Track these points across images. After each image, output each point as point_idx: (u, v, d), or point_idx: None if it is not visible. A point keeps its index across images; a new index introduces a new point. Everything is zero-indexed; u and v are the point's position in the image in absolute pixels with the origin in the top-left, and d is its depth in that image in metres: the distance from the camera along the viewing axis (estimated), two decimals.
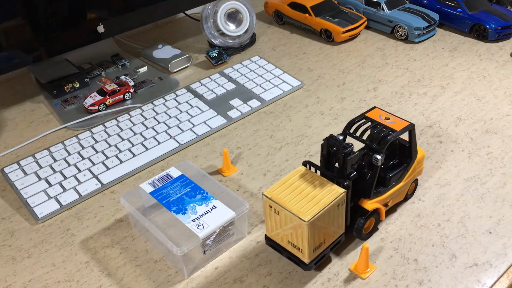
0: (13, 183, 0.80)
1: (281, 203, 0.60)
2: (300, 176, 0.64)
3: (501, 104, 0.93)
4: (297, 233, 0.60)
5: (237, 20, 1.12)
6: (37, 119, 0.96)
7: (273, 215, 0.62)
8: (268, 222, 0.64)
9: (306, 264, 0.62)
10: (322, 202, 0.60)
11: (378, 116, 0.68)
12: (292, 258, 0.64)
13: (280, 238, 0.64)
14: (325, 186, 0.62)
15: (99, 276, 0.66)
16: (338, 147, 0.62)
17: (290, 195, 0.61)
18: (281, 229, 0.62)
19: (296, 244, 0.62)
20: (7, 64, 0.89)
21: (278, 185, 0.62)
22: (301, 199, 0.60)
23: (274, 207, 0.61)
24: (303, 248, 0.61)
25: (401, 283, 0.63)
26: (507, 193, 0.75)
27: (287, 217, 0.60)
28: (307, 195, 0.61)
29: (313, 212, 0.58)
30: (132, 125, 0.91)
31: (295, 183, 0.63)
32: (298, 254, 0.62)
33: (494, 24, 1.10)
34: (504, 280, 0.63)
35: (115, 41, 1.15)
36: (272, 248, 0.67)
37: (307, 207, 0.59)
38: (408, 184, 0.71)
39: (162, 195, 0.68)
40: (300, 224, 0.59)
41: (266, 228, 0.65)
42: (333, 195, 0.60)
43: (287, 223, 0.61)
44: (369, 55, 1.10)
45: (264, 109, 0.95)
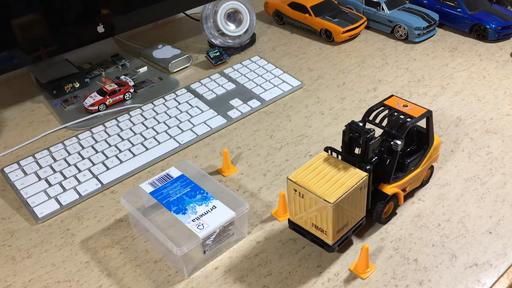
0: (13, 183, 0.80)
1: (306, 186, 0.62)
2: (323, 161, 0.66)
3: (501, 104, 0.93)
4: (322, 215, 0.62)
5: (237, 20, 1.12)
6: (37, 119, 0.96)
7: (298, 198, 0.64)
8: (292, 206, 0.66)
9: (330, 246, 0.65)
10: (345, 185, 0.62)
11: (396, 103, 0.71)
12: (315, 241, 0.66)
13: (303, 221, 0.66)
14: (348, 170, 0.64)
15: (99, 276, 0.66)
16: (361, 133, 0.64)
17: (314, 179, 0.63)
18: (305, 212, 0.64)
19: (320, 226, 0.64)
20: (7, 64, 0.89)
21: (302, 170, 0.64)
22: (325, 183, 0.62)
23: (298, 191, 0.63)
24: (327, 230, 0.63)
25: (401, 283, 0.63)
26: (507, 193, 0.75)
27: (312, 199, 0.62)
28: (331, 179, 0.63)
29: (338, 194, 0.61)
30: (132, 125, 0.91)
31: (319, 167, 0.65)
32: (322, 236, 0.64)
33: (494, 24, 1.10)
34: (504, 280, 0.63)
35: (115, 41, 1.15)
36: (295, 232, 0.69)
37: (332, 189, 0.61)
38: (425, 170, 0.73)
39: (162, 195, 0.68)
40: (325, 206, 0.61)
41: (289, 212, 0.67)
42: (356, 178, 0.63)
43: (311, 205, 0.63)
44: (369, 55, 1.10)
45: (264, 109, 0.95)
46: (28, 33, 0.89)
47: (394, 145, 0.66)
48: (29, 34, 0.89)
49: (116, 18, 0.99)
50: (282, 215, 0.72)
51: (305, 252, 0.67)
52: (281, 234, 0.70)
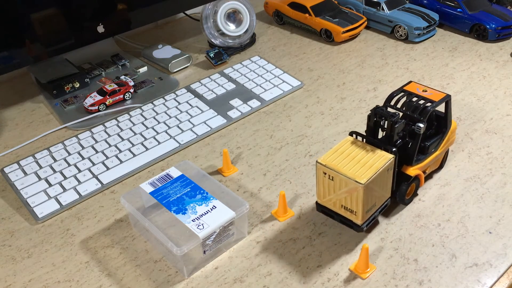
0: (13, 183, 0.80)
1: (336, 168, 0.65)
2: (349, 144, 0.68)
3: (501, 104, 0.93)
4: (352, 196, 0.65)
5: (237, 20, 1.12)
6: (37, 119, 0.96)
7: (327, 181, 0.67)
8: (321, 189, 0.68)
9: (359, 226, 0.67)
10: (374, 166, 0.65)
11: (415, 89, 0.73)
12: (344, 222, 0.69)
13: (332, 203, 0.68)
14: (375, 153, 0.67)
15: (99, 276, 0.66)
16: (386, 117, 0.67)
17: (343, 162, 0.66)
18: (334, 194, 0.67)
19: (350, 207, 0.66)
20: (7, 64, 0.89)
21: (330, 154, 0.67)
22: (354, 165, 0.65)
23: (328, 173, 0.66)
24: (357, 210, 0.65)
25: (401, 283, 0.63)
26: (507, 193, 0.75)
27: (342, 181, 0.65)
28: (359, 161, 0.66)
29: (368, 176, 0.63)
30: (132, 125, 0.91)
31: (346, 151, 0.67)
32: (351, 216, 0.67)
33: (494, 24, 1.10)
34: (504, 280, 0.63)
35: (115, 41, 1.15)
36: (323, 214, 0.71)
37: (361, 171, 0.64)
38: (443, 153, 0.76)
39: (162, 195, 0.68)
40: (356, 187, 0.63)
41: (317, 195, 0.69)
42: (383, 160, 0.65)
43: (341, 187, 0.65)
44: (369, 55, 1.10)
45: (264, 109, 0.95)
46: (28, 33, 0.89)
47: (417, 128, 0.68)
48: (29, 34, 0.89)
49: (116, 18, 0.99)
50: (282, 215, 0.72)
51: (305, 252, 0.67)
52: (281, 234, 0.70)
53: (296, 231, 0.71)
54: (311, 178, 0.79)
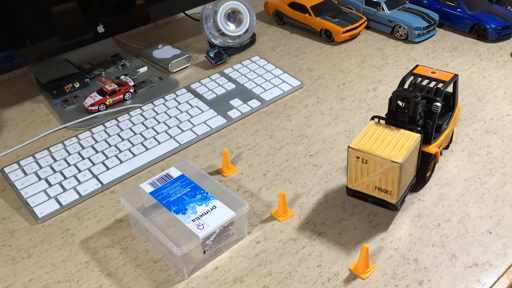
0: (13, 183, 0.80)
1: (370, 151, 0.67)
2: (375, 128, 0.71)
3: (501, 104, 0.93)
4: (388, 176, 0.67)
5: (237, 20, 1.12)
6: (37, 119, 0.96)
7: (359, 165, 0.68)
8: (353, 174, 0.70)
9: (394, 205, 0.69)
10: (405, 146, 0.67)
11: (424, 71, 0.77)
12: (378, 203, 0.71)
13: (365, 186, 0.70)
14: (402, 133, 0.69)
15: (99, 276, 0.66)
16: (410, 98, 0.70)
17: (374, 144, 0.68)
18: (368, 177, 0.69)
19: (385, 187, 0.68)
20: (7, 64, 0.89)
21: (360, 138, 0.69)
22: (385, 146, 0.67)
23: (361, 157, 0.67)
24: (393, 190, 0.68)
25: (401, 283, 0.63)
26: (507, 193, 0.75)
27: (377, 163, 0.67)
28: (389, 143, 0.68)
29: (402, 155, 0.66)
30: (132, 125, 0.91)
31: (374, 134, 0.70)
32: (386, 197, 0.69)
33: (494, 24, 1.10)
34: (504, 280, 0.63)
35: (115, 41, 1.15)
36: (355, 197, 0.73)
37: (395, 151, 0.66)
38: (452, 130, 0.80)
39: (162, 195, 0.68)
40: (393, 167, 0.65)
41: (349, 180, 0.71)
42: (412, 139, 0.68)
43: (376, 169, 0.67)
44: (369, 55, 1.10)
45: (264, 109, 0.95)
46: (28, 33, 0.89)
47: (435, 108, 0.72)
48: (29, 34, 0.89)
49: (116, 18, 0.99)
50: (282, 215, 0.72)
51: (305, 252, 0.67)
52: (281, 234, 0.70)
53: (296, 231, 0.71)
54: (311, 178, 0.79)
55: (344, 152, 0.84)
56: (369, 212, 0.73)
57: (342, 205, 0.74)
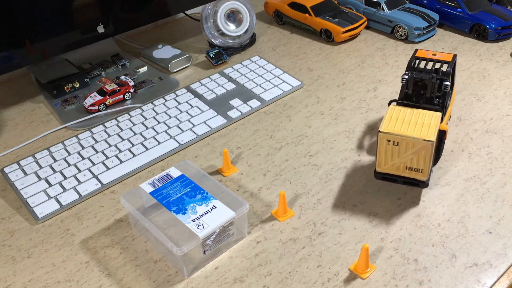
0: (13, 183, 0.80)
1: (401, 133, 0.70)
2: (397, 112, 0.74)
3: (501, 104, 0.93)
4: (419, 155, 0.70)
5: (237, 20, 1.12)
6: (37, 119, 0.96)
7: (390, 148, 0.71)
8: (382, 157, 0.73)
9: (424, 182, 0.73)
10: (432, 124, 0.70)
11: (426, 54, 0.81)
12: (408, 182, 0.74)
13: (395, 168, 0.73)
14: (424, 113, 0.73)
15: (99, 276, 0.66)
16: (426, 79, 0.75)
17: (403, 126, 0.71)
18: (399, 159, 0.72)
19: (416, 166, 0.71)
20: (7, 64, 0.89)
21: (387, 123, 0.72)
22: (414, 127, 0.70)
23: (392, 140, 0.70)
24: (424, 168, 0.71)
25: (401, 283, 0.63)
26: (507, 193, 0.75)
27: (409, 144, 0.69)
28: (416, 123, 0.71)
29: (432, 133, 0.69)
30: (132, 125, 0.91)
31: (399, 117, 0.72)
32: (417, 175, 0.72)
33: (494, 24, 1.10)
34: (504, 280, 0.63)
35: (115, 41, 1.15)
36: (385, 180, 0.75)
37: (424, 131, 0.69)
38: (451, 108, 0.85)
39: (162, 195, 0.68)
40: (425, 145, 0.69)
41: (377, 164, 0.73)
42: (436, 118, 0.72)
43: (407, 150, 0.70)
44: (369, 55, 1.10)
45: (264, 109, 0.95)
46: (28, 33, 0.89)
47: (445, 86, 0.75)
48: (29, 34, 0.89)
49: (116, 18, 0.99)
50: (282, 215, 0.72)
51: (305, 252, 0.67)
52: (281, 234, 0.70)
53: (296, 231, 0.71)
54: (311, 178, 0.79)
55: (344, 152, 0.84)
56: (369, 212, 0.73)
57: (342, 205, 0.74)
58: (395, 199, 0.75)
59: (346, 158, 0.83)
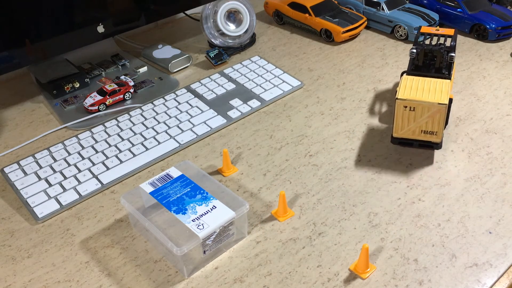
0: (13, 183, 0.80)
1: (417, 98, 0.76)
2: (410, 81, 0.80)
3: (501, 104, 0.93)
4: (434, 119, 0.77)
5: (237, 20, 1.12)
6: (37, 119, 0.96)
7: (407, 113, 0.78)
8: (399, 122, 0.79)
9: (438, 143, 0.80)
10: (444, 90, 0.77)
11: (429, 30, 0.89)
12: (423, 145, 0.81)
13: (411, 132, 0.80)
14: (435, 81, 0.79)
15: (99, 276, 0.66)
16: (435, 50, 0.83)
17: (417, 93, 0.77)
18: (414, 123, 0.78)
19: (431, 129, 0.78)
20: (7, 64, 0.89)
21: (403, 91, 0.78)
22: (428, 93, 0.77)
23: (409, 105, 0.77)
24: (438, 130, 0.78)
25: (401, 283, 0.63)
26: (507, 193, 0.75)
27: (425, 108, 0.76)
28: (429, 90, 0.77)
29: (445, 97, 0.76)
30: (132, 125, 0.91)
31: (412, 86, 0.79)
32: (431, 138, 0.79)
33: (494, 24, 1.10)
34: (504, 280, 0.63)
35: (115, 41, 1.15)
36: (401, 145, 0.83)
37: (437, 95, 0.76)
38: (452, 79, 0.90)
39: (162, 195, 0.68)
40: (439, 108, 0.75)
41: (394, 129, 0.80)
42: (446, 84, 0.79)
43: (423, 114, 0.77)
44: (369, 55, 1.10)
45: (264, 109, 0.95)
46: (28, 33, 0.89)
47: (450, 58, 0.83)
48: (29, 34, 0.89)
49: (116, 18, 0.99)
50: (282, 215, 0.72)
51: (305, 252, 0.67)
52: (281, 234, 0.70)
53: (296, 231, 0.71)
54: (311, 178, 0.79)
55: (344, 152, 0.84)
56: (369, 212, 0.73)
57: (342, 205, 0.74)
58: (395, 199, 0.75)
59: (346, 158, 0.83)
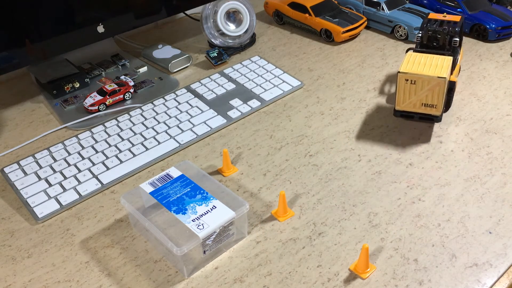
0: (13, 183, 0.80)
1: (418, 72, 0.80)
2: (414, 57, 0.84)
3: (501, 104, 0.93)
4: (433, 92, 0.80)
5: (237, 20, 1.12)
6: (37, 119, 0.96)
7: (408, 86, 0.81)
8: (401, 96, 0.83)
9: (438, 116, 0.84)
10: (444, 65, 0.81)
11: (437, 16, 0.92)
12: (424, 118, 0.85)
13: (412, 105, 0.83)
14: (438, 58, 0.83)
15: (99, 276, 0.66)
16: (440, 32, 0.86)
17: (419, 67, 0.81)
18: (415, 96, 0.82)
19: (430, 103, 0.82)
20: (7, 64, 0.89)
21: (405, 65, 0.82)
22: (429, 68, 0.80)
23: (410, 79, 0.81)
24: (438, 103, 0.82)
25: (401, 283, 0.63)
26: (507, 193, 0.75)
27: (425, 81, 0.80)
28: (430, 65, 0.81)
29: (445, 72, 0.79)
30: (132, 125, 0.91)
31: (415, 61, 0.83)
32: (431, 111, 0.83)
33: (494, 24, 1.10)
34: (504, 280, 0.63)
35: (115, 41, 1.15)
36: (403, 117, 0.87)
37: (437, 70, 0.80)
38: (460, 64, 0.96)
39: (162, 195, 0.68)
40: (439, 82, 0.79)
41: (397, 102, 0.84)
42: (448, 60, 0.82)
43: (423, 87, 0.80)
44: (369, 55, 1.10)
45: (264, 109, 0.95)
46: (28, 33, 0.89)
47: (454, 42, 0.87)
48: (29, 34, 0.89)
49: (116, 18, 0.99)
50: (282, 215, 0.72)
51: (305, 252, 0.67)
52: (281, 234, 0.70)
53: (296, 231, 0.71)
54: (311, 178, 0.79)
55: (344, 152, 0.84)
56: (369, 212, 0.73)
57: (342, 205, 0.74)
58: (395, 199, 0.75)
59: (346, 158, 0.83)
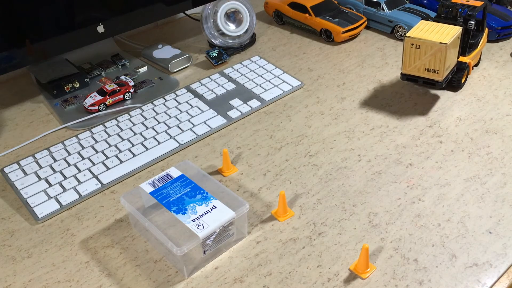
0: (13, 183, 0.80)
1: (423, 37, 0.85)
2: (425, 25, 0.89)
3: (501, 104, 0.93)
4: (436, 57, 0.85)
5: (237, 20, 1.12)
6: (37, 119, 0.96)
7: (413, 51, 0.86)
8: (407, 60, 0.89)
9: (439, 82, 0.88)
10: (450, 34, 0.86)
11: (460, 1, 0.96)
12: (427, 82, 0.89)
13: (417, 69, 0.88)
14: (447, 27, 0.89)
15: (99, 276, 0.66)
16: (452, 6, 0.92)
17: (426, 34, 0.86)
18: (420, 61, 0.87)
19: (433, 68, 0.86)
20: (7, 64, 0.89)
21: (413, 31, 0.87)
22: (435, 35, 0.86)
23: (415, 43, 0.86)
24: (440, 68, 0.86)
25: (401, 283, 0.63)
26: (507, 193, 0.75)
27: (428, 46, 0.85)
28: (437, 32, 0.86)
29: (448, 38, 0.85)
30: (132, 125, 0.91)
31: (424, 28, 0.88)
32: (434, 76, 0.87)
33: (494, 24, 1.10)
34: (504, 280, 0.63)
35: (115, 41, 1.15)
36: (408, 81, 0.92)
37: (442, 37, 0.85)
38: (481, 50, 1.00)
39: (162, 195, 0.68)
40: (440, 48, 0.84)
41: (403, 66, 0.90)
42: (455, 30, 0.88)
43: (427, 52, 0.85)
44: (369, 55, 1.10)
45: (264, 109, 0.95)
46: (28, 33, 0.89)
47: (469, 25, 0.91)
48: (29, 34, 0.89)
49: (116, 18, 0.99)
50: (282, 215, 0.72)
51: (305, 252, 0.67)
52: (281, 234, 0.70)
53: (296, 231, 0.71)
54: (311, 178, 0.79)
55: (344, 152, 0.84)
56: (369, 212, 0.73)
57: (342, 205, 0.74)
58: (395, 199, 0.75)
59: (346, 158, 0.83)
